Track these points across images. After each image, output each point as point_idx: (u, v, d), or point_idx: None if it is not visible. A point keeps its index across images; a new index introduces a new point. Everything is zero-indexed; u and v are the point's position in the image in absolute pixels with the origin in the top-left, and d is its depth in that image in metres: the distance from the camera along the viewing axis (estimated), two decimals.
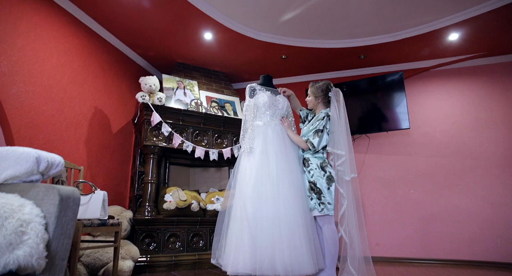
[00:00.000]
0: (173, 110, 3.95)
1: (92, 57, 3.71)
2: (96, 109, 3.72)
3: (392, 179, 4.66)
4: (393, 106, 4.44)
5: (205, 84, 4.72)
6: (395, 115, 4.42)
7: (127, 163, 4.23)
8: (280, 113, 3.10)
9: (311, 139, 2.84)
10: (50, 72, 3.12)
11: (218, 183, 4.64)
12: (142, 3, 3.37)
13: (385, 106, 4.50)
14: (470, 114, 4.53)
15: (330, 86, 3.02)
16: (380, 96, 4.55)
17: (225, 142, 4.30)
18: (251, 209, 2.61)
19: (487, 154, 4.34)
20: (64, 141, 3.23)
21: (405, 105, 4.33)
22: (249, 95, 3.10)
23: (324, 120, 2.86)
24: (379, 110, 4.54)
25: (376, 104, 4.58)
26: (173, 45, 4.24)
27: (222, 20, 3.72)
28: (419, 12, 3.63)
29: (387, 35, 4.06)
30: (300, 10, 3.61)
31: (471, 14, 3.55)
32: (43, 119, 3.01)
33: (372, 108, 4.60)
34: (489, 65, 4.56)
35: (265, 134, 2.94)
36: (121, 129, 4.15)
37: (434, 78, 4.79)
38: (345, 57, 4.58)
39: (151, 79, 3.84)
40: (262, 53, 4.48)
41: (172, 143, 3.88)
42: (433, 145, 4.59)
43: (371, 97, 4.62)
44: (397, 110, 4.40)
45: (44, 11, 3.10)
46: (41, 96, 3.00)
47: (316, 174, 2.81)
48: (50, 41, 3.15)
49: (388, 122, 4.47)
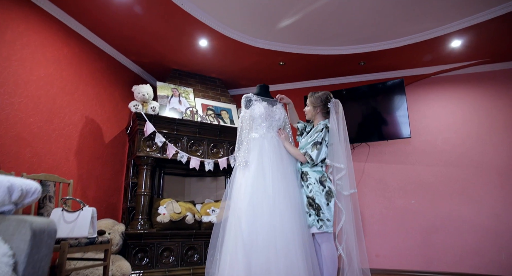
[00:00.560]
0: (167, 119, 3.83)
1: (83, 65, 3.59)
2: (87, 119, 3.60)
3: (392, 188, 4.55)
4: (394, 114, 4.32)
5: (201, 92, 4.61)
6: (396, 124, 4.30)
7: (121, 173, 4.11)
8: (277, 124, 2.99)
9: (309, 152, 2.73)
10: (37, 83, 3.00)
11: (214, 192, 4.52)
12: (134, 9, 3.25)
13: (386, 114, 4.38)
14: (472, 122, 4.42)
15: (329, 96, 2.91)
16: (381, 104, 4.43)
17: (221, 151, 4.18)
18: (246, 227, 2.51)
19: (490, 163, 4.22)
20: (53, 153, 3.11)
21: (406, 114, 4.21)
22: (245, 106, 3.00)
23: (323, 132, 2.75)
24: (379, 118, 4.42)
25: (376, 112, 4.46)
26: (167, 52, 4.13)
27: (218, 27, 3.60)
28: (421, 19, 3.51)
29: (388, 41, 3.95)
30: (298, 17, 3.50)
31: (474, 21, 3.44)
32: (30, 131, 2.90)
33: (372, 116, 4.48)
34: (492, 72, 4.45)
35: (261, 147, 2.83)
36: (114, 139, 4.03)
37: (435, 85, 4.67)
38: (345, 63, 4.46)
39: (144, 88, 3.72)
40: (259, 60, 4.36)
41: (166, 153, 3.76)
42: (434, 153, 4.47)
43: (371, 105, 4.50)
44: (398, 119, 4.28)
45: (31, 19, 2.98)
46: (28, 107, 2.88)
47: (315, 189, 2.69)
48: (37, 50, 3.03)
49: (388, 130, 4.36)
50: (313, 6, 3.31)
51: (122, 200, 4.07)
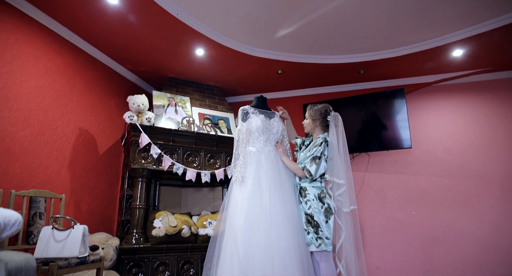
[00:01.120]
0: (163, 130, 3.75)
1: (77, 76, 3.51)
2: (81, 130, 3.52)
3: (393, 199, 4.46)
4: (394, 124, 4.24)
5: (198, 100, 4.52)
6: (396, 134, 4.22)
7: (116, 184, 4.02)
8: (275, 138, 2.92)
9: (308, 166, 2.66)
10: (28, 95, 2.92)
11: (211, 203, 4.44)
12: (129, 19, 3.17)
13: (386, 124, 4.30)
14: (473, 132, 4.33)
15: (329, 109, 2.84)
16: (381, 113, 4.35)
17: (218, 162, 4.10)
18: (242, 245, 2.44)
19: (492, 174, 4.14)
20: (44, 167, 3.03)
21: (407, 124, 4.13)
22: (242, 119, 2.92)
23: (322, 146, 2.68)
24: (379, 128, 4.34)
25: (376, 121, 4.38)
26: (163, 61, 4.05)
27: (214, 36, 3.52)
28: (422, 29, 3.44)
29: (388, 51, 3.87)
30: (296, 27, 3.42)
31: (477, 31, 3.36)
32: (21, 145, 2.81)
33: (372, 125, 4.40)
34: (495, 81, 4.37)
35: (258, 162, 2.76)
36: (109, 149, 3.95)
37: (436, 93, 4.59)
38: (344, 72, 4.38)
39: (139, 98, 3.64)
40: (257, 69, 4.28)
41: (162, 165, 3.67)
42: (435, 163, 4.39)
43: (371, 114, 4.42)
44: (398, 128, 4.20)
45: (22, 30, 2.90)
46: (18, 121, 2.80)
47: (314, 206, 2.62)
48: (29, 62, 2.95)
49: (389, 140, 4.27)
50: (312, 16, 3.23)
51: (117, 212, 3.98)
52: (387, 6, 3.09)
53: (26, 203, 2.64)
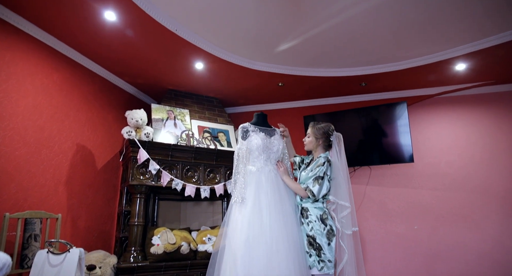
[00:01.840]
0: (161, 145, 3.69)
1: (74, 91, 3.46)
2: (78, 146, 3.46)
3: (394, 213, 4.40)
4: (396, 138, 4.18)
5: (197, 113, 4.47)
6: (398, 148, 4.16)
7: (114, 199, 3.96)
8: (275, 157, 2.86)
9: (311, 187, 2.60)
10: (24, 113, 2.86)
11: (211, 217, 4.38)
12: (127, 34, 3.11)
13: (388, 137, 4.24)
14: (476, 145, 4.28)
15: (331, 128, 2.80)
16: (382, 126, 4.29)
17: (218, 176, 4.04)
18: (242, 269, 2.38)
19: (496, 188, 4.08)
20: (40, 186, 2.97)
21: (409, 137, 4.07)
22: (242, 137, 2.87)
23: (325, 166, 2.62)
24: (381, 141, 4.28)
25: (378, 135, 4.32)
26: (162, 74, 3.99)
27: (214, 50, 3.47)
28: (425, 43, 3.39)
29: (390, 64, 3.82)
30: (298, 41, 3.37)
31: (481, 46, 3.31)
32: (16, 165, 2.75)
33: (374, 138, 4.34)
34: (497, 94, 4.31)
35: (258, 182, 2.70)
36: (107, 164, 3.89)
37: (438, 105, 4.54)
38: (345, 84, 4.33)
39: (137, 113, 3.58)
40: (257, 81, 4.23)
41: (160, 181, 3.62)
42: (438, 177, 4.33)
43: (373, 127, 4.36)
44: (400, 143, 4.14)
45: (18, 47, 2.85)
46: (13, 140, 2.75)
47: (316, 227, 2.56)
48: (25, 79, 2.89)
49: (391, 154, 4.22)
50: (314, 31, 3.18)
51: (115, 227, 3.92)
52: (390, 21, 3.04)
53: (21, 225, 2.58)
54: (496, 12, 2.84)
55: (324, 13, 2.92)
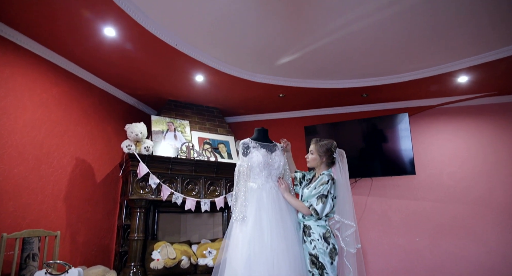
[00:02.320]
0: (161, 159, 3.66)
1: (73, 104, 3.43)
2: (77, 160, 3.43)
3: (396, 224, 4.36)
4: (398, 150, 4.14)
5: (198, 124, 4.44)
6: (400, 160, 4.12)
7: (113, 212, 3.92)
8: (276, 173, 2.82)
9: (315, 205, 2.56)
10: (23, 130, 2.83)
11: (211, 229, 4.34)
12: (126, 48, 3.08)
13: (390, 149, 4.21)
14: (478, 156, 4.24)
15: (334, 145, 2.77)
16: (384, 138, 4.26)
17: (218, 189, 4.01)
18: None
19: (498, 201, 4.04)
20: (39, 202, 2.93)
21: (411, 149, 4.04)
22: (242, 153, 2.83)
23: (329, 184, 2.59)
24: (382, 153, 4.25)
25: (379, 146, 4.28)
26: (162, 85, 3.96)
27: (214, 64, 3.44)
28: (428, 56, 3.36)
29: (392, 76, 3.80)
30: (299, 54, 3.34)
31: (483, 60, 3.28)
32: (14, 183, 2.72)
33: (376, 149, 4.30)
34: (499, 105, 4.29)
35: (259, 200, 2.67)
36: (107, 177, 3.85)
37: (440, 116, 4.51)
38: (347, 95, 4.30)
39: (137, 127, 3.55)
40: (258, 93, 4.20)
41: (160, 194, 3.58)
42: (440, 188, 4.29)
43: (374, 138, 4.33)
44: (402, 155, 4.11)
45: (17, 62, 2.82)
46: (11, 158, 2.71)
47: (319, 246, 2.53)
48: (23, 95, 2.86)
49: (392, 166, 4.18)
50: (315, 45, 3.15)
51: (114, 241, 3.88)
52: (392, 36, 3.01)
53: (18, 245, 2.55)
54: (498, 26, 2.81)
55: (325, 29, 2.89)
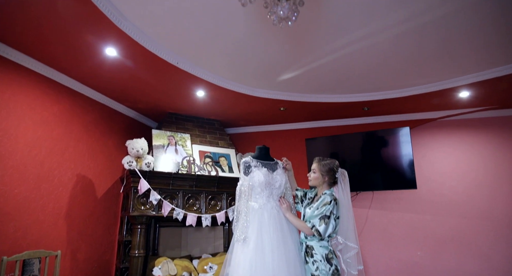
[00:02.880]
0: (162, 174, 3.65)
1: (74, 120, 3.42)
2: (78, 176, 3.42)
3: (397, 238, 4.35)
4: (399, 164, 4.13)
5: (198, 137, 4.43)
6: (401, 174, 4.11)
7: (114, 227, 3.91)
8: (277, 192, 2.81)
9: (317, 226, 2.55)
10: (24, 150, 2.82)
11: (212, 243, 4.33)
12: (128, 66, 3.08)
13: (391, 163, 4.20)
14: (479, 170, 4.23)
15: (337, 165, 2.76)
16: (385, 151, 4.25)
17: (219, 204, 4.00)
18: None
19: (499, 215, 4.03)
20: (40, 222, 2.92)
21: (412, 164, 4.03)
22: (244, 172, 2.82)
23: (331, 205, 2.58)
24: (383, 167, 4.24)
25: (380, 160, 4.28)
26: (163, 99, 3.96)
27: (215, 80, 3.44)
28: (430, 72, 3.36)
29: (393, 91, 3.79)
30: (300, 72, 3.34)
31: (484, 77, 3.28)
32: (15, 203, 2.71)
33: (376, 163, 4.29)
34: (501, 118, 4.28)
35: (261, 220, 2.66)
36: (108, 191, 3.84)
37: (441, 128, 4.50)
38: (348, 109, 4.30)
39: (138, 143, 3.55)
40: (259, 106, 4.20)
41: (161, 210, 3.57)
42: (441, 202, 4.28)
43: (375, 152, 4.31)
44: (403, 169, 4.09)
45: (17, 82, 2.82)
46: (12, 179, 2.70)
47: (321, 267, 2.52)
48: (24, 115, 2.86)
49: (393, 180, 4.17)
50: (316, 63, 3.15)
51: (115, 257, 3.86)
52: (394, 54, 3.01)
53: (19, 267, 2.53)
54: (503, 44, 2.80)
55: (326, 48, 2.89)
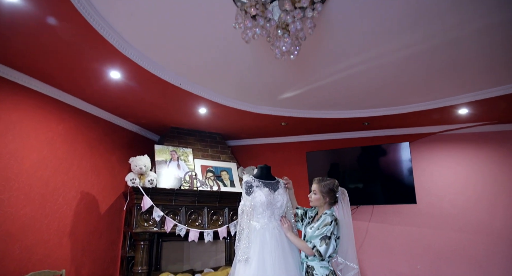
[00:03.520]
0: (165, 191, 3.70)
1: (78, 138, 3.47)
2: (82, 193, 3.47)
3: (397, 251, 4.38)
4: (399, 179, 4.18)
5: (200, 151, 4.48)
6: (401, 189, 4.16)
7: (117, 242, 3.95)
8: (279, 212, 2.85)
9: (318, 246, 2.59)
10: (29, 170, 2.88)
11: (214, 256, 4.37)
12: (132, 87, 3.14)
13: (391, 178, 4.25)
14: (477, 184, 4.27)
15: (336, 184, 2.80)
16: (385, 166, 4.30)
17: (221, 218, 4.04)
18: None
19: (498, 229, 4.06)
20: (44, 241, 2.97)
21: (412, 179, 4.08)
22: (246, 192, 2.86)
23: (332, 225, 2.61)
24: (383, 181, 4.29)
25: (380, 174, 4.33)
26: (166, 116, 4.02)
27: (217, 98, 3.49)
28: (430, 91, 3.40)
29: (394, 107, 3.84)
30: (301, 91, 3.40)
31: (482, 96, 3.32)
32: (21, 225, 2.76)
33: (376, 178, 4.34)
34: (499, 132, 4.32)
35: (262, 240, 2.70)
36: (111, 206, 3.89)
37: (440, 142, 4.54)
38: (348, 123, 4.35)
39: (141, 160, 3.60)
40: (260, 122, 4.25)
41: (164, 226, 3.62)
42: (440, 215, 4.31)
43: (375, 166, 4.36)
44: (403, 183, 4.14)
45: (24, 104, 2.87)
46: (18, 200, 2.75)
47: None
48: (30, 136, 2.91)
49: (393, 195, 4.22)
50: (316, 84, 3.20)
51: (118, 271, 3.90)
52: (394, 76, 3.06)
53: None
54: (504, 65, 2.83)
55: (327, 71, 2.94)
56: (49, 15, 2.07)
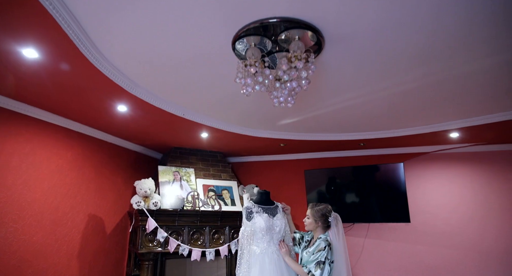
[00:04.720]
0: (168, 212, 3.86)
1: (86, 164, 3.64)
2: (89, 216, 3.63)
3: (393, 268, 4.54)
4: (393, 198, 4.34)
5: (202, 170, 4.64)
6: (395, 208, 4.32)
7: (122, 261, 4.11)
8: (278, 237, 3.00)
9: (313, 271, 2.73)
10: (41, 199, 3.04)
11: (215, 272, 4.53)
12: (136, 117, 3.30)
13: (385, 196, 4.41)
14: (469, 203, 4.42)
15: (329, 210, 2.95)
16: (380, 186, 4.47)
17: (222, 237, 4.20)
18: None
19: (488, 247, 4.20)
20: (55, 264, 3.13)
21: (405, 199, 4.24)
22: (246, 218, 3.02)
23: (326, 250, 2.76)
24: (378, 200, 4.46)
25: (375, 193, 4.50)
26: (169, 138, 4.19)
27: (219, 125, 3.65)
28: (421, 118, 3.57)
29: (388, 131, 4.00)
30: (298, 119, 3.56)
31: (474, 123, 3.48)
32: (33, 251, 2.92)
33: (371, 197, 4.52)
34: (491, 152, 4.48)
35: (262, 265, 2.86)
36: (117, 225, 4.05)
37: (434, 161, 4.70)
38: (344, 144, 4.52)
39: (146, 183, 3.76)
40: (260, 143, 4.42)
41: (168, 246, 3.78)
42: (434, 233, 4.46)
43: (370, 185, 4.53)
44: (397, 203, 4.30)
45: (37, 136, 3.04)
46: (31, 227, 2.91)
47: None
48: (42, 165, 3.07)
49: (388, 213, 4.38)
50: (314, 113, 3.37)
51: None
52: (389, 109, 3.23)
53: None
54: (498, 96, 2.98)
55: (324, 103, 3.11)
56: (62, 62, 2.24)
